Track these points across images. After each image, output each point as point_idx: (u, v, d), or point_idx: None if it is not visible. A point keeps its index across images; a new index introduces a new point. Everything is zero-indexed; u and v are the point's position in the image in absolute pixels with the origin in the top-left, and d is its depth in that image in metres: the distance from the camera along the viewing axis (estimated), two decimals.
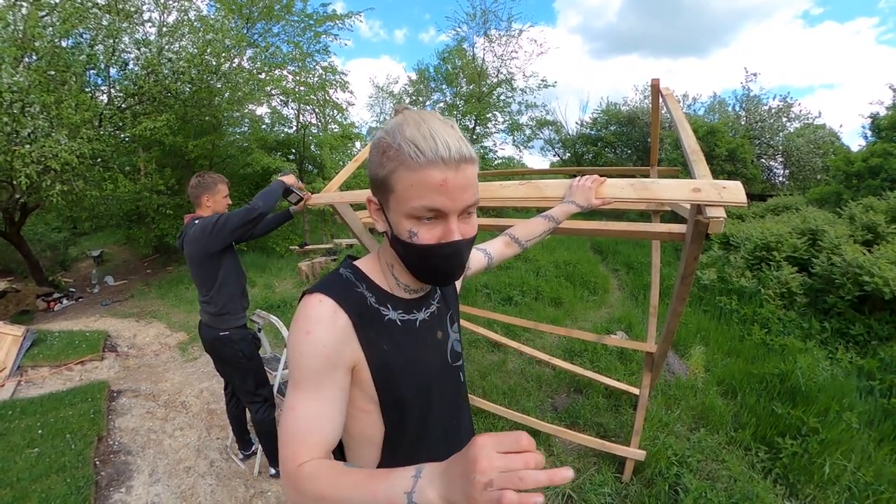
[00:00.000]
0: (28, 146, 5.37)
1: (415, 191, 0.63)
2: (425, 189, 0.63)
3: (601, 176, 1.17)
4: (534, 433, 2.70)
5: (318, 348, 0.67)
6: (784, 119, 13.32)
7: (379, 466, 0.79)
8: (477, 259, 1.10)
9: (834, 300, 4.51)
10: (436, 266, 0.70)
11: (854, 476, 2.38)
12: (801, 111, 13.42)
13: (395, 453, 0.79)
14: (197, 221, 2.16)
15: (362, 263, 0.81)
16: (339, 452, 0.84)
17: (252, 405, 2.38)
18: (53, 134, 5.55)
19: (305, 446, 0.65)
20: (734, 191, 0.93)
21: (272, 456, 2.49)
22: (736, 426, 2.87)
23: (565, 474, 0.46)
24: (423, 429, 0.80)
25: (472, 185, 0.66)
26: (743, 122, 13.42)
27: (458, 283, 1.01)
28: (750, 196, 10.52)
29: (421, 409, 0.79)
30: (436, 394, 0.81)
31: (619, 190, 1.09)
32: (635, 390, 2.96)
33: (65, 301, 7.31)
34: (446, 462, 0.53)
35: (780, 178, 13.89)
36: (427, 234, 0.67)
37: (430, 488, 0.52)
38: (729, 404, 3.14)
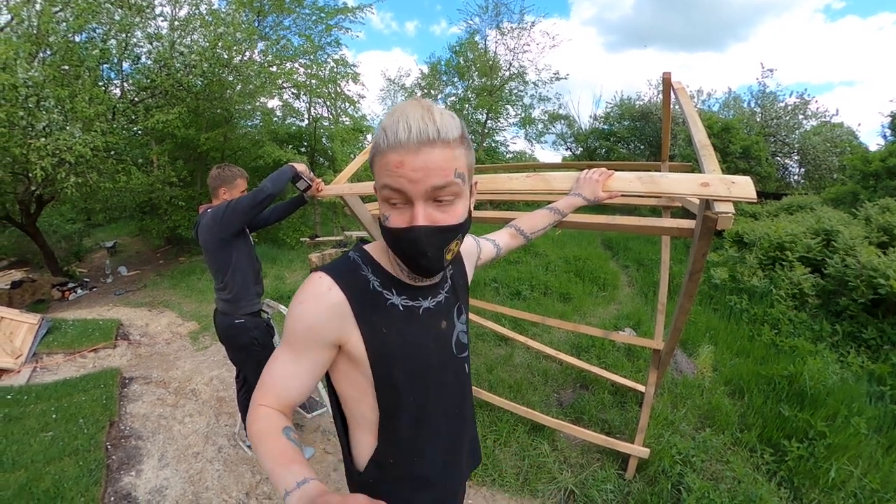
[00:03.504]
0: (43, 139, 5.46)
1: (380, 173, 0.67)
2: (385, 171, 0.65)
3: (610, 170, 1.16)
4: (538, 427, 2.71)
5: (304, 318, 0.72)
6: (800, 116, 13.07)
7: (376, 451, 0.81)
8: (487, 249, 1.11)
9: (846, 302, 4.42)
10: (404, 252, 0.70)
11: (860, 482, 2.34)
12: (818, 109, 13.18)
13: (392, 438, 0.80)
14: (209, 211, 2.20)
15: (372, 248, 0.83)
16: (344, 431, 0.86)
17: None
18: (68, 127, 5.62)
19: (270, 393, 0.75)
20: (743, 186, 0.91)
21: None
22: (742, 427, 2.84)
23: None
24: (421, 416, 0.81)
25: (441, 167, 0.63)
26: (758, 119, 13.18)
27: (470, 275, 1.00)
28: (764, 194, 10.34)
29: (417, 396, 0.79)
30: (434, 382, 0.82)
31: (627, 183, 1.08)
32: (641, 388, 2.95)
33: (79, 290, 7.45)
34: (324, 494, 0.56)
35: (795, 177, 13.66)
36: (397, 219, 0.68)
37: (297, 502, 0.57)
38: (736, 405, 3.10)
